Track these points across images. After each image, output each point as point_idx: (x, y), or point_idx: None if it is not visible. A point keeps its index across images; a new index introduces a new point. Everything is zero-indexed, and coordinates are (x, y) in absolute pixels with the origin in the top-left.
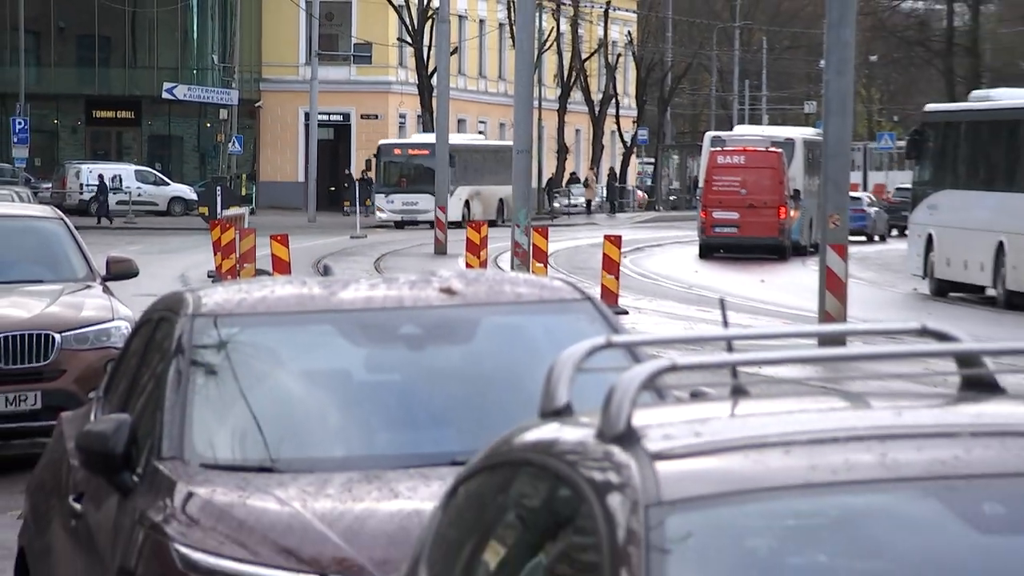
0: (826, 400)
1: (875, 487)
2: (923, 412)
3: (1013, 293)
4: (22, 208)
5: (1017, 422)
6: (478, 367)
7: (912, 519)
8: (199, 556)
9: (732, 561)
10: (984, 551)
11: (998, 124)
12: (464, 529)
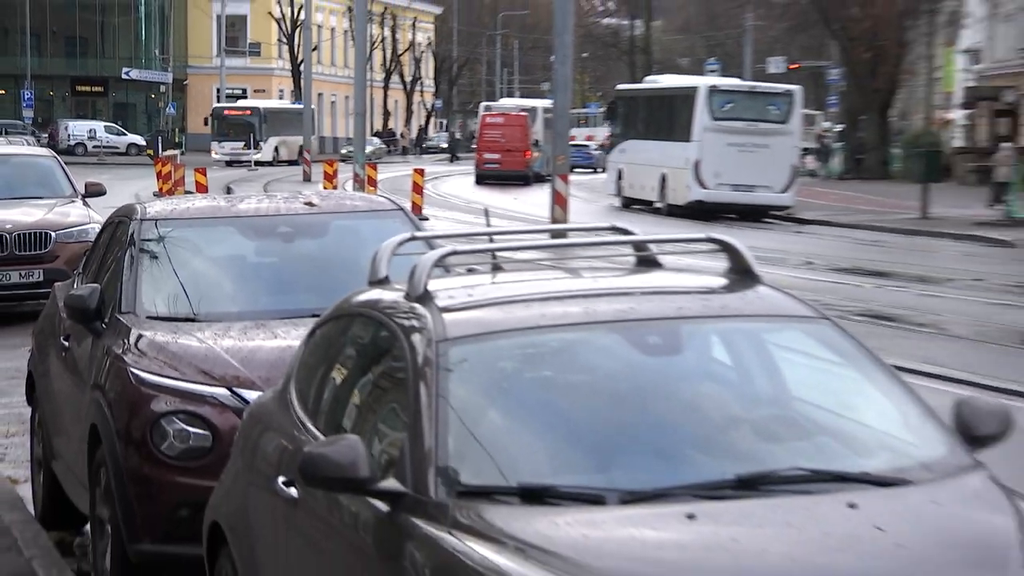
0: (551, 273)
1: (581, 328)
2: (612, 280)
3: (672, 206)
4: (29, 149)
5: (669, 285)
6: (329, 253)
7: (604, 347)
8: (145, 375)
9: (489, 375)
10: (648, 366)
11: (660, 97)
12: (319, 357)
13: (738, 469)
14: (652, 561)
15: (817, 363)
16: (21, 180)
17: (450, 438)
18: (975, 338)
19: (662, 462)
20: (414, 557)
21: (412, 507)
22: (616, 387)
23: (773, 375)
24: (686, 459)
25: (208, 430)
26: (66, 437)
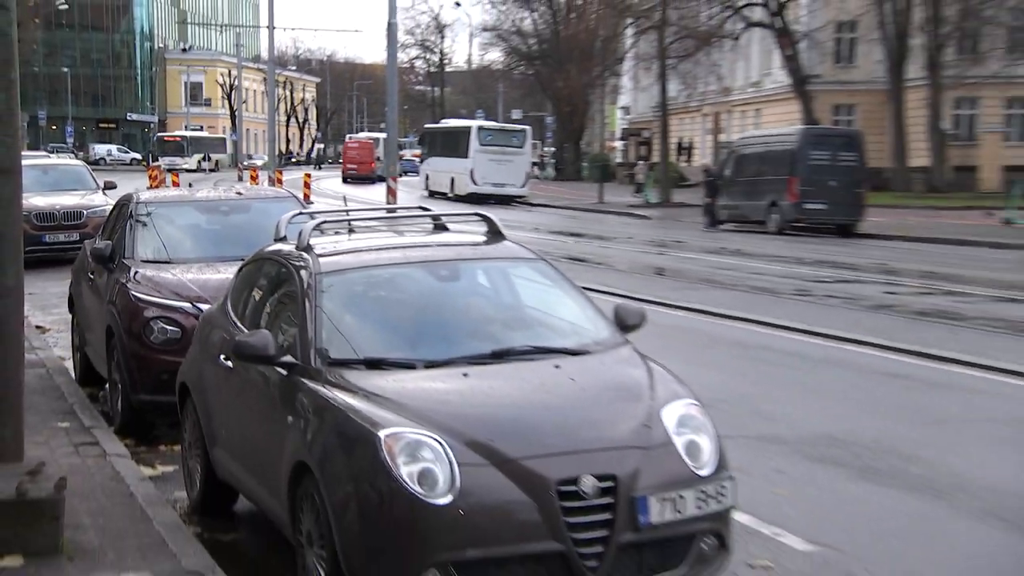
0: (384, 234)
1: (400, 266)
2: (419, 238)
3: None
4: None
5: (453, 241)
6: (251, 223)
7: (414, 277)
8: (140, 295)
9: (346, 294)
10: (440, 288)
11: (449, 132)
12: (244, 284)
13: (492, 347)
14: (442, 399)
15: (537, 285)
16: (65, 179)
17: (323, 331)
18: (628, 271)
19: (448, 344)
20: (302, 401)
21: (301, 372)
22: (421, 301)
23: (512, 292)
24: (462, 342)
25: (178, 328)
26: (92, 332)
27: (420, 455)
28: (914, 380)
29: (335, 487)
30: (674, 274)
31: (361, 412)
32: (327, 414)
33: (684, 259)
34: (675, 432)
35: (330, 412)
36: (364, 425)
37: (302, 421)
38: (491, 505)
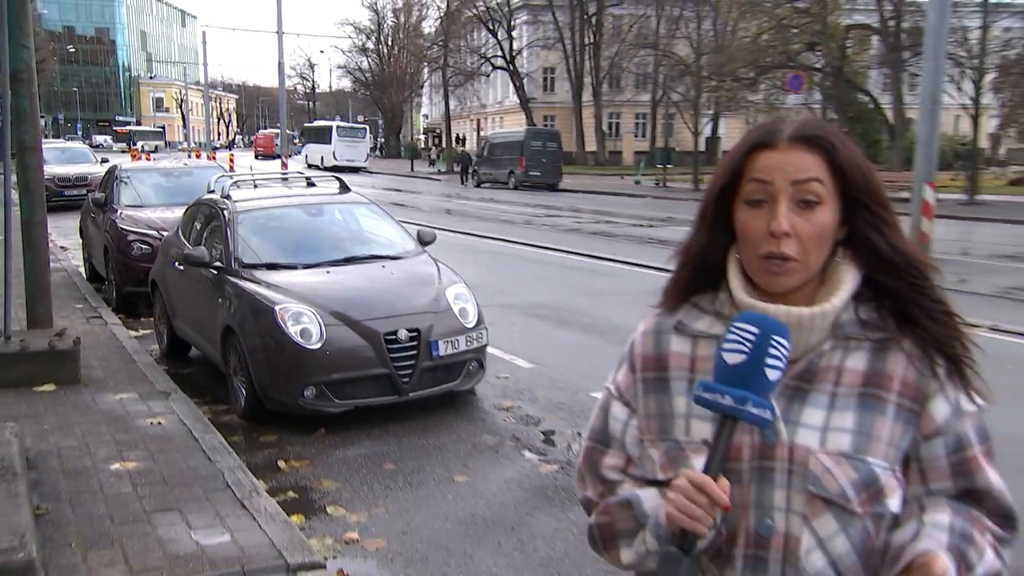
0: (277, 188)
1: (285, 208)
2: (298, 190)
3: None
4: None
5: (319, 191)
6: (192, 182)
7: (294, 215)
8: (124, 226)
9: (252, 224)
10: (312, 221)
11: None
12: (188, 219)
13: (343, 255)
14: (313, 286)
15: (370, 218)
16: (76, 156)
17: (239, 247)
18: (428, 211)
19: (316, 254)
20: (227, 289)
21: (226, 271)
22: (299, 228)
23: (356, 222)
24: (325, 252)
25: (149, 246)
26: (95, 249)
27: (300, 319)
28: (586, 270)
29: (249, 340)
30: (455, 213)
31: (264, 295)
32: (243, 296)
33: (460, 203)
34: (453, 303)
35: (245, 295)
36: (265, 303)
37: (227, 301)
38: (345, 348)
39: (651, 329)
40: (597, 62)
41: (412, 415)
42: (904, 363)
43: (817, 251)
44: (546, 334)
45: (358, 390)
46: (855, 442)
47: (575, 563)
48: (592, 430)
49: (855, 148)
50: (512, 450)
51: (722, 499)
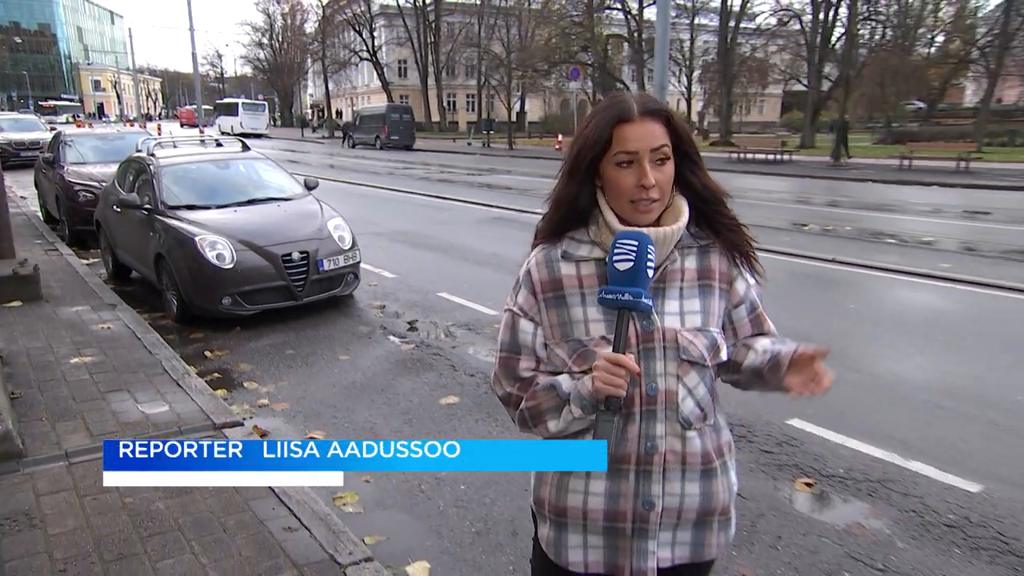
0: (196, 148)
1: (202, 162)
2: (210, 149)
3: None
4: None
5: (227, 150)
6: (125, 143)
7: (207, 168)
8: (71, 180)
9: (174, 176)
10: (221, 173)
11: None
12: (122, 172)
13: (247, 198)
14: (224, 222)
15: (267, 170)
16: (28, 126)
17: (163, 192)
18: (315, 165)
19: (226, 197)
20: (156, 225)
21: (154, 212)
22: (212, 178)
23: (256, 173)
24: (232, 196)
25: (92, 194)
26: (48, 197)
27: (216, 247)
28: (434, 207)
29: (176, 263)
30: (337, 167)
31: (185, 228)
32: (169, 230)
33: (340, 160)
34: (333, 231)
35: (171, 229)
36: (187, 234)
37: (157, 234)
38: (251, 267)
39: (542, 260)
40: (437, 56)
41: (306, 314)
42: (719, 259)
43: (667, 192)
44: (405, 253)
45: (264, 297)
46: (702, 319)
47: (426, 410)
48: (503, 344)
49: (679, 115)
50: (381, 336)
51: (633, 366)
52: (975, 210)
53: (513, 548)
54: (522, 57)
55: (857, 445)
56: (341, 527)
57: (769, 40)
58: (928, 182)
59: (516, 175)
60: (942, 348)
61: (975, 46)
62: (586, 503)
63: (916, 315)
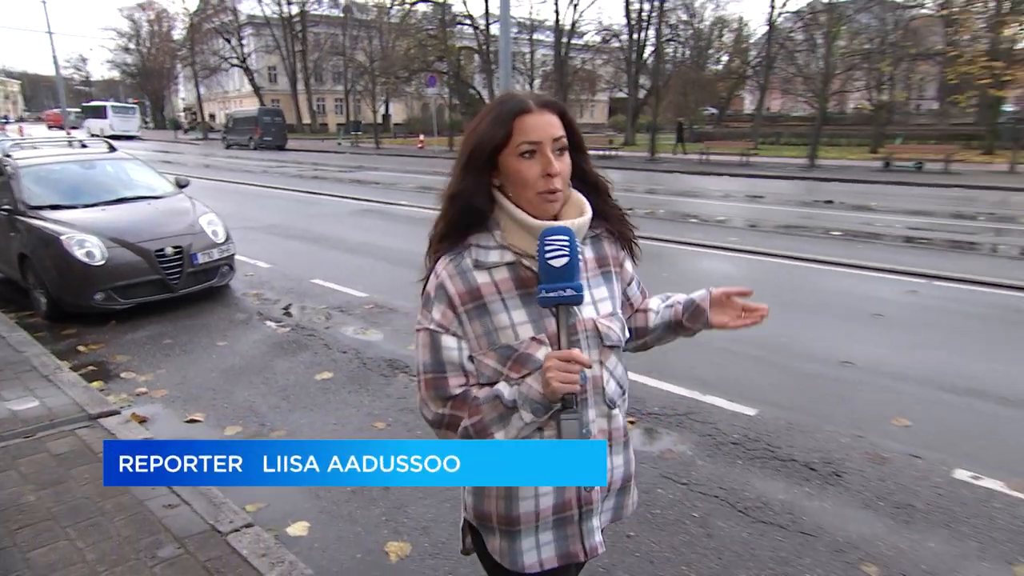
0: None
1: (64, 164)
2: (73, 150)
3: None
4: None
5: (93, 151)
6: None
7: (74, 167)
8: None
9: (35, 176)
10: (87, 173)
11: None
12: None
13: (115, 197)
14: (92, 220)
15: (136, 170)
16: None
17: (24, 193)
18: (188, 164)
19: (93, 197)
20: (18, 226)
21: (15, 212)
22: (76, 178)
23: (125, 173)
24: (100, 196)
25: None
26: None
27: (84, 245)
28: (306, 202)
29: (42, 262)
30: (212, 167)
31: (50, 228)
32: (32, 230)
33: (215, 160)
34: (206, 226)
35: (34, 229)
36: (52, 233)
37: (19, 234)
38: (124, 263)
39: (454, 272)
40: (305, 63)
41: (184, 305)
42: (609, 245)
43: (568, 183)
44: (279, 244)
45: (139, 291)
46: (611, 304)
47: (302, 387)
48: (425, 365)
49: (570, 108)
50: (258, 321)
51: (586, 360)
52: (754, 195)
53: (385, 501)
54: (384, 65)
55: (669, 387)
56: (222, 499)
57: (595, 55)
58: (720, 173)
59: (383, 171)
60: None
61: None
62: (537, 505)
63: (713, 279)
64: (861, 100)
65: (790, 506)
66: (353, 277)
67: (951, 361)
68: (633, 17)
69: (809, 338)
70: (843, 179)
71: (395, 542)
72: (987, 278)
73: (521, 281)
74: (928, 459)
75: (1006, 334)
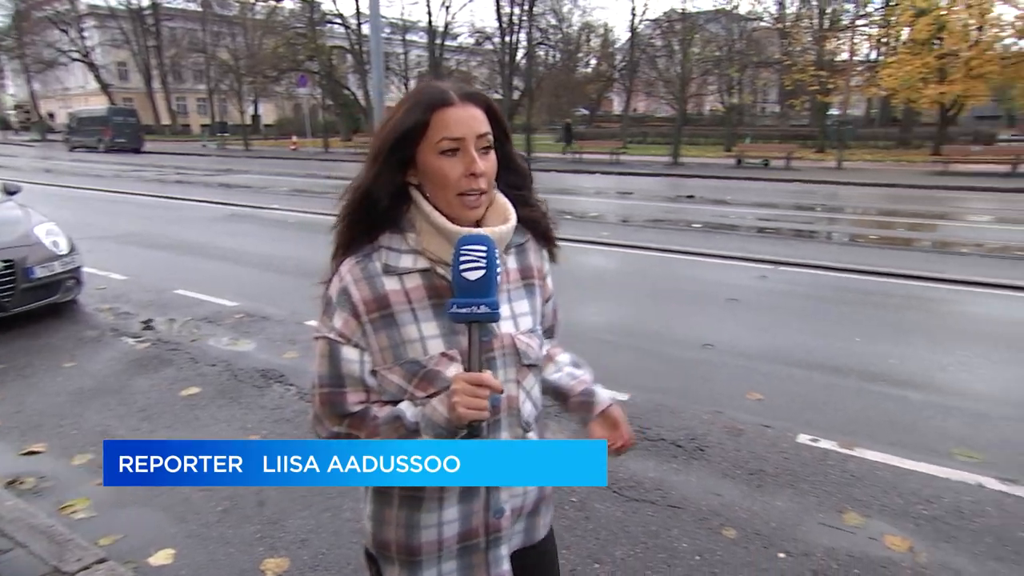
0: None
1: None
2: None
3: None
4: None
5: None
6: None
7: None
8: None
9: None
10: None
11: None
12: None
13: None
14: None
15: None
16: None
17: None
18: (26, 169)
19: None
20: None
21: None
22: None
23: None
24: None
25: None
26: None
27: None
28: (166, 207)
29: None
30: (54, 171)
31: None
32: None
33: (57, 164)
34: (44, 237)
35: None
36: None
37: None
38: None
39: (360, 276)
40: (161, 60)
41: (21, 325)
42: (535, 255)
43: (493, 184)
44: (137, 254)
45: None
46: (532, 320)
47: (166, 405)
48: (322, 378)
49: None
50: (112, 338)
51: (498, 385)
52: (624, 191)
53: (259, 517)
54: (251, 64)
55: None
56: (67, 536)
57: (470, 56)
58: (593, 171)
59: (253, 174)
60: (608, 296)
61: (615, 69)
62: (441, 534)
63: (588, 273)
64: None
65: (659, 482)
66: (222, 286)
67: (795, 339)
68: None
69: (675, 324)
70: (703, 175)
71: (272, 558)
72: (824, 262)
73: (435, 290)
74: (776, 427)
75: (840, 312)
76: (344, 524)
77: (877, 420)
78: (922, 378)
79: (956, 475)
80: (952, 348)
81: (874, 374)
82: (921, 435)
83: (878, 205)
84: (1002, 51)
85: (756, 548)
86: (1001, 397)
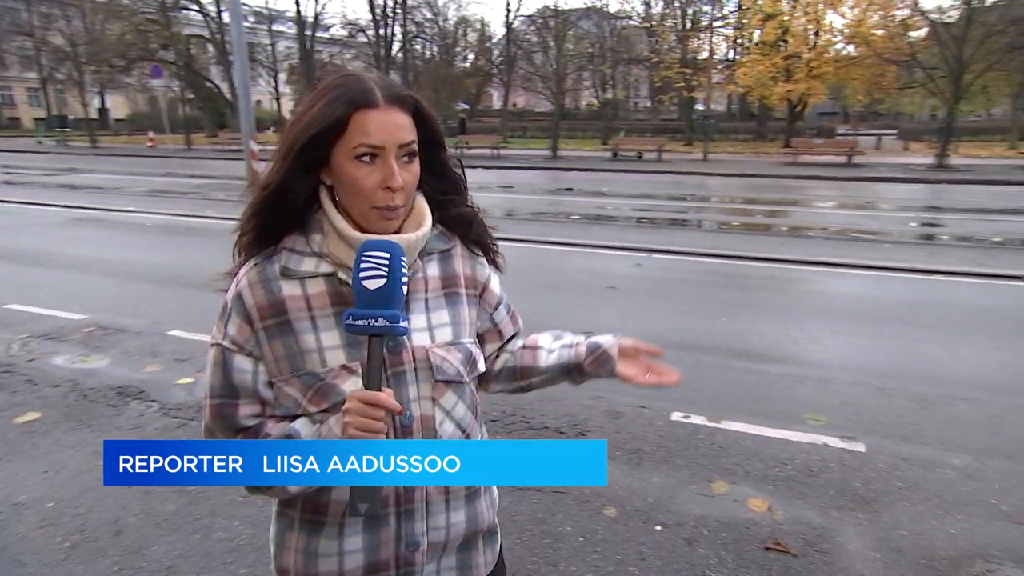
0: None
1: None
2: None
3: None
4: None
5: None
6: None
7: None
8: None
9: None
10: None
11: None
12: None
13: None
14: None
15: None
16: None
17: None
18: None
19: None
20: None
21: None
22: None
23: None
24: None
25: None
26: None
27: None
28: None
29: None
30: None
31: None
32: None
33: None
34: None
35: None
36: None
37: None
38: None
39: (256, 280)
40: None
41: None
42: (462, 263)
43: (412, 196)
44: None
45: None
46: (453, 331)
47: None
48: (213, 388)
49: (426, 99)
50: None
51: (395, 406)
52: (506, 185)
53: (117, 548)
54: (92, 51)
55: None
56: None
57: (343, 49)
58: (475, 165)
59: (103, 174)
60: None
61: (493, 64)
62: (342, 564)
63: None
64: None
65: None
66: (67, 297)
67: (667, 322)
68: (378, 12)
69: (557, 314)
70: (581, 168)
71: None
72: (695, 249)
73: (340, 297)
74: (652, 407)
75: (707, 295)
76: (216, 545)
77: (740, 393)
78: (777, 352)
79: (807, 438)
80: (803, 323)
81: (737, 351)
82: (778, 404)
83: (740, 194)
84: (835, 55)
85: (635, 524)
86: (841, 364)
